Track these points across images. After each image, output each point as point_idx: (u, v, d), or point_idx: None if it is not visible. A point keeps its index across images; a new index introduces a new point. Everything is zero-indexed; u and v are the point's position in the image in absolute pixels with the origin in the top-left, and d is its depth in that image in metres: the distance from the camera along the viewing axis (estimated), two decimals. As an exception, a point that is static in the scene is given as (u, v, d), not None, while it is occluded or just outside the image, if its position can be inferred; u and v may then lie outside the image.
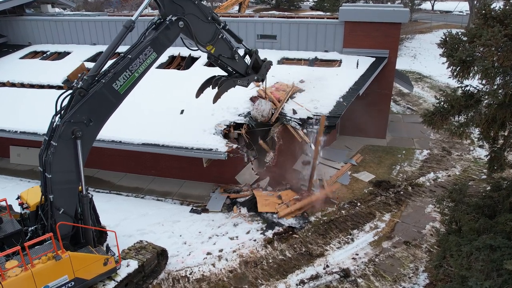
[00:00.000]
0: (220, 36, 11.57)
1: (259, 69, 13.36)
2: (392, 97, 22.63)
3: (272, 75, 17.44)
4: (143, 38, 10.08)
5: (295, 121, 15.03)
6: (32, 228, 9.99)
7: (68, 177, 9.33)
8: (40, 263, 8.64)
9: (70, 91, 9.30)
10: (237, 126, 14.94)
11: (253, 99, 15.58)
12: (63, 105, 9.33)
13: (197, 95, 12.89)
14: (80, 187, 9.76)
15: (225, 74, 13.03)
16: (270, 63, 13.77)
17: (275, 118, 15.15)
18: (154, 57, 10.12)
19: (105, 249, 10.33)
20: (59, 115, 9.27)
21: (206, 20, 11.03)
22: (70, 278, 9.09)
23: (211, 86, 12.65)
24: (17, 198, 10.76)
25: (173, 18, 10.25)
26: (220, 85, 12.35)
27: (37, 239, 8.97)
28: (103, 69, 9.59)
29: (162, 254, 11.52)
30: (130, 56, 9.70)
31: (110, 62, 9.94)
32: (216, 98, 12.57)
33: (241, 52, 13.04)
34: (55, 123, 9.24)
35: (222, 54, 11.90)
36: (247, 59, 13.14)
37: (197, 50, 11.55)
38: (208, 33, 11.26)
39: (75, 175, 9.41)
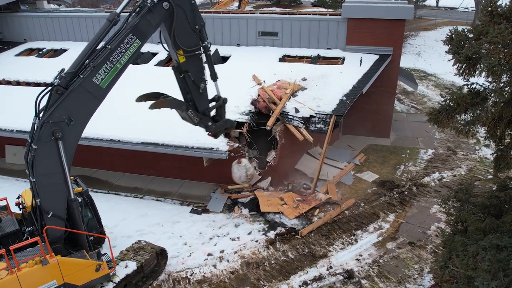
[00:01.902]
0: (197, 53, 10.54)
1: (217, 121, 12.01)
2: (396, 96, 22.73)
3: (273, 73, 17.57)
4: (125, 25, 9.41)
5: (298, 120, 15.13)
6: (29, 229, 10.02)
7: (53, 179, 9.10)
8: (27, 267, 8.60)
9: (48, 89, 8.92)
10: (238, 125, 15.02)
11: (253, 102, 15.67)
12: (38, 105, 8.99)
13: (138, 100, 11.34)
14: (73, 189, 9.60)
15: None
16: (232, 125, 12.54)
17: (275, 119, 15.20)
18: (137, 44, 9.38)
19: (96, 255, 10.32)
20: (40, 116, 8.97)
21: (192, 26, 10.17)
22: (59, 283, 9.03)
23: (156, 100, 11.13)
24: (18, 198, 10.79)
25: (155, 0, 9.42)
26: (167, 99, 11.04)
27: (23, 243, 8.95)
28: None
29: (161, 254, 11.63)
30: (109, 47, 9.07)
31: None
32: (155, 106, 10.95)
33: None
34: (35, 125, 8.94)
35: (189, 72, 10.60)
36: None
37: (168, 52, 10.55)
38: (188, 40, 10.24)
39: (61, 177, 9.17)
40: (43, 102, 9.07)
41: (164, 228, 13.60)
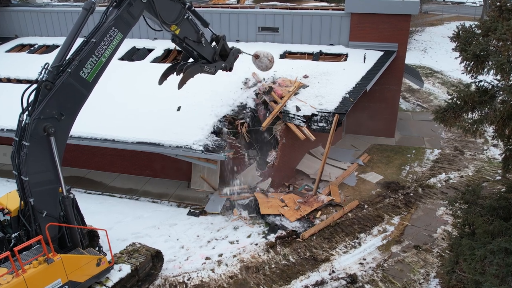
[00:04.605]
0: (185, 17, 11.54)
1: (226, 56, 13.48)
2: (401, 94, 22.79)
3: (274, 70, 17.56)
4: (104, 18, 9.84)
5: (299, 119, 15.15)
6: (15, 234, 10.02)
7: (46, 177, 9.27)
8: (32, 268, 8.71)
9: (35, 85, 9.09)
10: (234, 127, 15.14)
11: (256, 100, 15.75)
12: (29, 101, 9.09)
13: (160, 81, 12.83)
14: (60, 188, 9.71)
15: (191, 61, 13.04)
16: (239, 51, 13.90)
17: (272, 119, 15.21)
18: (119, 38, 9.94)
19: (97, 248, 10.44)
20: (26, 113, 9.06)
21: None
22: (63, 281, 9.21)
23: (175, 73, 12.63)
24: None
25: None
26: (185, 70, 12.36)
27: (28, 242, 9.03)
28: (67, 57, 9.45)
29: (157, 257, 11.66)
30: (94, 40, 9.44)
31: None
32: (181, 83, 12.43)
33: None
34: (23, 122, 9.05)
35: (188, 37, 11.83)
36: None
37: (161, 30, 11.48)
38: (173, 12, 11.18)
39: (53, 174, 9.36)
40: (27, 98, 9.12)
41: (160, 231, 13.62)
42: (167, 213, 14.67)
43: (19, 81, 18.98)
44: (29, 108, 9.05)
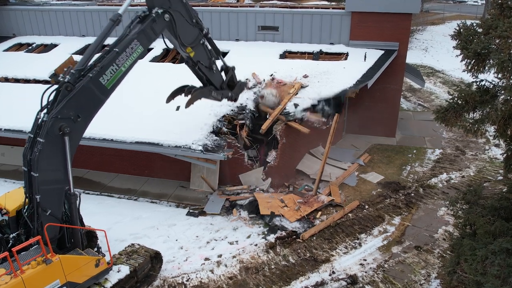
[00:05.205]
0: (201, 42, 12.19)
1: (233, 87, 14.01)
2: (402, 93, 22.77)
3: (274, 70, 17.59)
4: (128, 31, 10.48)
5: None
6: (14, 234, 10.03)
7: (55, 176, 9.48)
8: (30, 269, 8.70)
9: (56, 86, 9.48)
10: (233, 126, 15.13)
11: (257, 101, 15.83)
12: (49, 100, 9.44)
13: (168, 101, 13.28)
14: (67, 186, 9.81)
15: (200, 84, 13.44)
16: (246, 84, 14.55)
17: (276, 118, 15.21)
18: (140, 50, 10.52)
19: (95, 249, 10.44)
20: (45, 111, 9.42)
21: (190, 22, 11.68)
22: (62, 282, 9.21)
23: (183, 94, 13.11)
24: None
25: (159, 11, 10.74)
26: (193, 93, 12.85)
27: (26, 242, 9.03)
28: (89, 63, 9.90)
29: (156, 258, 11.66)
30: (117, 50, 10.03)
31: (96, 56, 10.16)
32: (189, 103, 12.87)
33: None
34: (40, 119, 9.41)
35: (201, 61, 12.43)
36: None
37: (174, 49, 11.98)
38: (191, 35, 11.88)
39: (63, 174, 9.56)
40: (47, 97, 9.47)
41: (159, 231, 13.61)
42: (166, 213, 14.66)
43: (16, 80, 18.99)
44: (48, 107, 9.37)
